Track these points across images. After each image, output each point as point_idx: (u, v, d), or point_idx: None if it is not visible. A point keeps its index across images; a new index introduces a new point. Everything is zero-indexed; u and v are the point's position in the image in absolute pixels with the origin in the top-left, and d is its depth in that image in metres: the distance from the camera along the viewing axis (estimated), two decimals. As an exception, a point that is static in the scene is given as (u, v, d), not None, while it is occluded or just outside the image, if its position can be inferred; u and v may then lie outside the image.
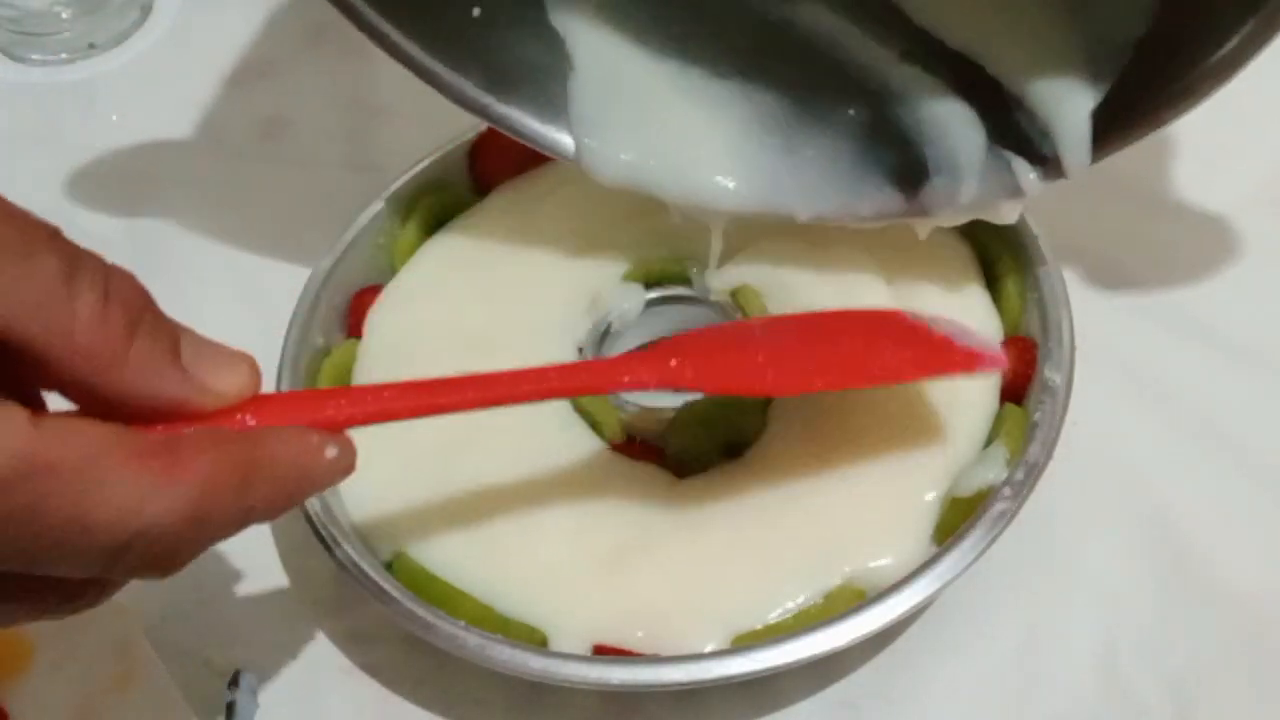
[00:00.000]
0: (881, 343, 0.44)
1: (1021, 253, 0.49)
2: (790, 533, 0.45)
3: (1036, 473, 0.44)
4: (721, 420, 0.47)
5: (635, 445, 0.48)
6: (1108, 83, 0.45)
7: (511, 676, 0.43)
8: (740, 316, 0.50)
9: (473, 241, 0.53)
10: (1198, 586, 0.46)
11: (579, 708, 0.45)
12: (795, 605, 0.43)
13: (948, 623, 0.46)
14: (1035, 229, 0.49)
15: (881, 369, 0.44)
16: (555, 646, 0.43)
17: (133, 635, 0.46)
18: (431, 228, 0.53)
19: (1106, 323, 0.51)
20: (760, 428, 0.47)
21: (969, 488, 0.44)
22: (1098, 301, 0.50)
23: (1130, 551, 0.47)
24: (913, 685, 0.45)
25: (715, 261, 0.50)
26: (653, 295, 0.51)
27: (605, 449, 0.48)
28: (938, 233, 0.50)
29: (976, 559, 0.43)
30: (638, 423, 0.48)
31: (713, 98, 0.49)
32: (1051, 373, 0.46)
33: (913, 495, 0.45)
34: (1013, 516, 0.43)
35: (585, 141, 0.49)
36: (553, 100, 0.49)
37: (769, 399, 0.48)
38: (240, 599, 0.49)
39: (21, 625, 0.33)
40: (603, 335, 0.50)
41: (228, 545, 0.49)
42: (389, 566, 0.46)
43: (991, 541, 0.43)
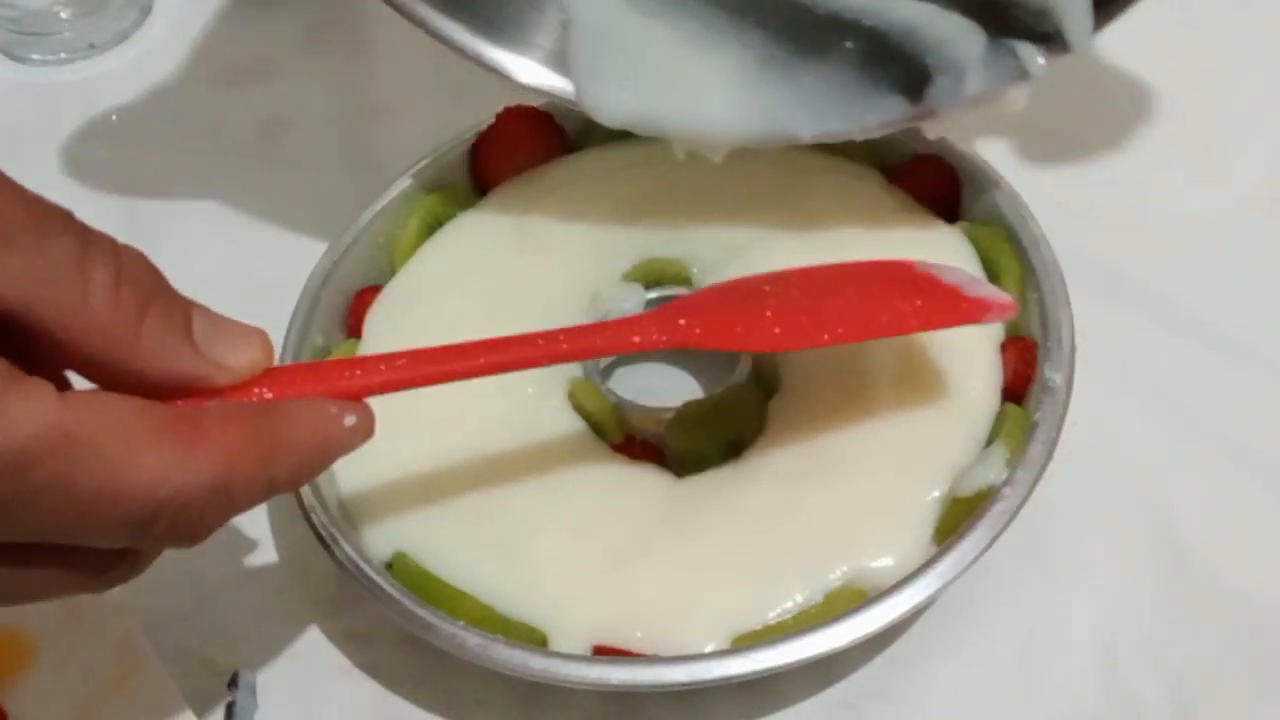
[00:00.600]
0: (890, 294, 0.44)
1: (1022, 253, 0.49)
2: (790, 533, 0.45)
3: (1036, 473, 0.44)
4: (721, 420, 0.47)
5: (635, 445, 0.48)
6: None
7: (511, 676, 0.43)
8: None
9: (473, 241, 0.53)
10: (1198, 586, 0.46)
11: (579, 708, 0.45)
12: (795, 605, 0.43)
13: (948, 623, 0.46)
14: (1036, 229, 0.49)
15: (890, 320, 0.43)
16: (555, 646, 0.43)
17: (133, 635, 0.46)
18: (431, 228, 0.53)
19: (1106, 323, 0.51)
20: (760, 428, 0.47)
21: (969, 488, 0.44)
22: (1098, 301, 0.50)
23: (1130, 551, 0.47)
24: (913, 685, 0.45)
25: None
26: (653, 295, 0.51)
27: (605, 449, 0.48)
28: (939, 233, 0.50)
29: (976, 559, 0.43)
30: (638, 423, 0.48)
31: (709, 44, 0.49)
32: (1051, 373, 0.46)
33: (913, 495, 0.45)
34: (1013, 516, 0.43)
35: (585, 83, 0.49)
36: (549, 48, 0.50)
37: (769, 399, 0.48)
38: (240, 599, 0.49)
39: (46, 603, 0.34)
40: (603, 335, 0.50)
41: (228, 545, 0.50)
42: (389, 566, 0.46)
43: (991, 541, 0.43)
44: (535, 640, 0.43)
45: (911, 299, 0.43)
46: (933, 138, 0.49)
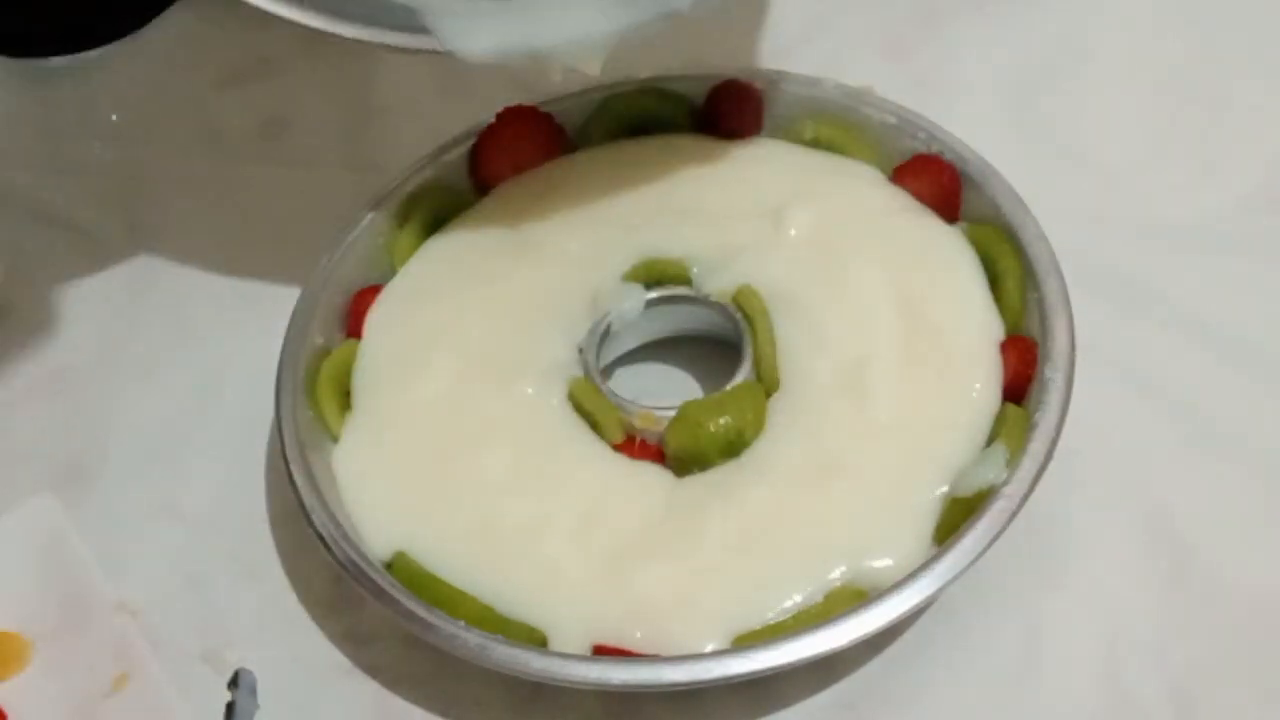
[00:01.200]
0: None
1: (1022, 253, 0.49)
2: (790, 532, 0.45)
3: (1036, 473, 0.44)
4: (721, 420, 0.47)
5: (635, 445, 0.48)
6: None
7: (511, 676, 0.43)
8: (740, 317, 0.49)
9: (472, 241, 0.52)
10: (1198, 586, 0.46)
11: (579, 708, 0.45)
12: (795, 605, 0.43)
13: (948, 623, 0.46)
14: (1036, 229, 0.49)
15: None
16: (555, 646, 0.43)
17: (132, 635, 0.46)
18: (431, 228, 0.53)
19: (1106, 322, 0.51)
20: (760, 428, 0.47)
21: (969, 488, 0.44)
22: (1098, 301, 0.50)
23: (1131, 551, 0.47)
24: (913, 685, 0.45)
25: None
26: (653, 295, 0.51)
27: (605, 449, 0.48)
28: (939, 233, 0.51)
29: (976, 559, 0.43)
30: (638, 423, 0.48)
31: None
32: (1051, 373, 0.46)
33: (913, 495, 0.45)
34: (1013, 516, 0.43)
35: (445, 29, 0.48)
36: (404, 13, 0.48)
37: (769, 399, 0.48)
38: (240, 599, 0.49)
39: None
40: (603, 335, 0.50)
41: (228, 545, 0.50)
42: (389, 566, 0.46)
43: (991, 541, 0.43)
44: (535, 640, 0.43)
45: None
46: None
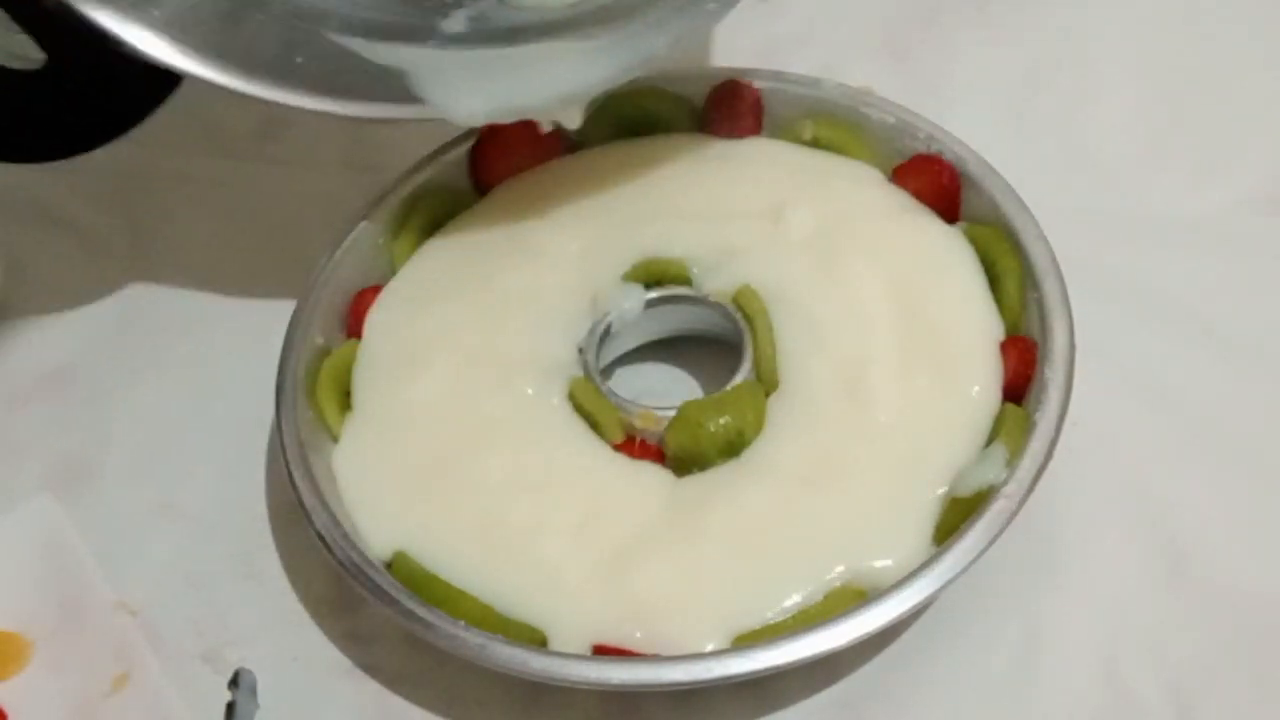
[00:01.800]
0: None
1: (1021, 253, 0.49)
2: (790, 532, 0.45)
3: (1036, 473, 0.44)
4: (721, 420, 0.47)
5: (635, 445, 0.48)
6: None
7: (511, 676, 0.43)
8: (740, 317, 0.49)
9: (473, 241, 0.52)
10: (1198, 586, 0.46)
11: (579, 708, 0.45)
12: (795, 605, 0.43)
13: (948, 623, 0.46)
14: (1036, 229, 0.49)
15: None
16: (555, 646, 0.43)
17: (132, 635, 0.46)
18: (431, 228, 0.53)
19: (1106, 322, 0.51)
20: (760, 428, 0.47)
21: (969, 488, 0.44)
22: (1098, 301, 0.50)
23: (1130, 551, 0.47)
24: (913, 685, 0.45)
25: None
26: (653, 295, 0.51)
27: (605, 449, 0.48)
28: (938, 233, 0.50)
29: (976, 559, 0.43)
30: (638, 423, 0.48)
31: (538, 44, 0.50)
32: (1051, 373, 0.46)
33: (913, 495, 0.45)
34: (1013, 516, 0.43)
35: (438, 96, 0.49)
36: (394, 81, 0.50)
37: (769, 399, 0.48)
38: (240, 599, 0.49)
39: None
40: (603, 335, 0.50)
41: (228, 545, 0.50)
42: (389, 566, 0.46)
43: (991, 541, 0.43)
44: (535, 640, 0.43)
45: None
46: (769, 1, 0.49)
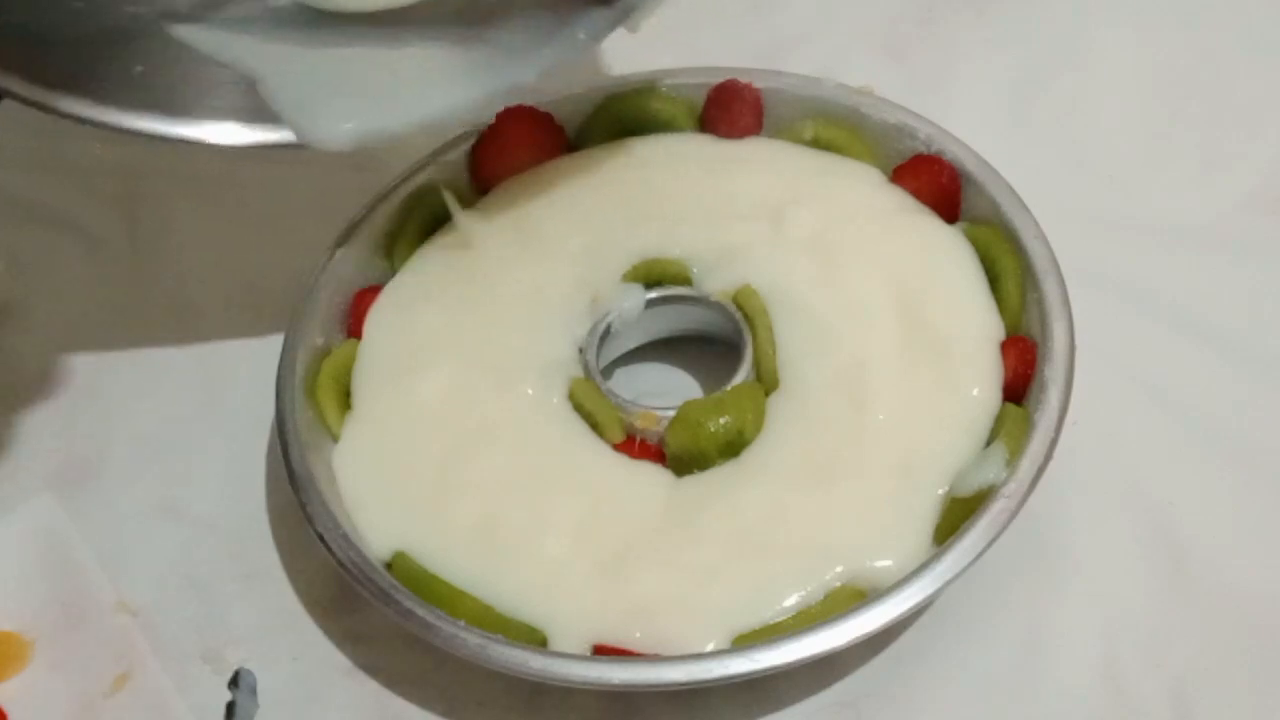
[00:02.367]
0: None
1: (1021, 253, 0.49)
2: (790, 532, 0.45)
3: (1036, 473, 0.44)
4: (721, 420, 0.47)
5: (635, 445, 0.48)
6: None
7: (511, 676, 0.43)
8: (740, 317, 0.49)
9: (473, 242, 0.52)
10: (1198, 586, 0.46)
11: (579, 708, 0.45)
12: (795, 605, 0.43)
13: (948, 623, 0.46)
14: (1036, 229, 0.49)
15: None
16: (555, 646, 0.43)
17: (132, 635, 0.46)
18: (431, 228, 0.53)
19: (1106, 323, 0.51)
20: (760, 428, 0.47)
21: (969, 488, 0.44)
22: (1098, 301, 0.50)
23: (1130, 551, 0.47)
24: (912, 685, 0.45)
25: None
26: (653, 295, 0.51)
27: (605, 449, 0.48)
28: (938, 233, 0.50)
29: (976, 559, 0.43)
30: (638, 423, 0.48)
31: (394, 48, 0.49)
32: (1051, 373, 0.46)
33: (913, 495, 0.45)
34: (1013, 516, 0.43)
35: (300, 121, 0.48)
36: (241, 106, 0.49)
37: (769, 398, 0.48)
38: (240, 599, 0.49)
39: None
40: (603, 335, 0.50)
41: (228, 545, 0.50)
42: (389, 566, 0.46)
43: (991, 541, 0.43)
44: (535, 640, 0.43)
45: None
46: (636, 32, 0.49)
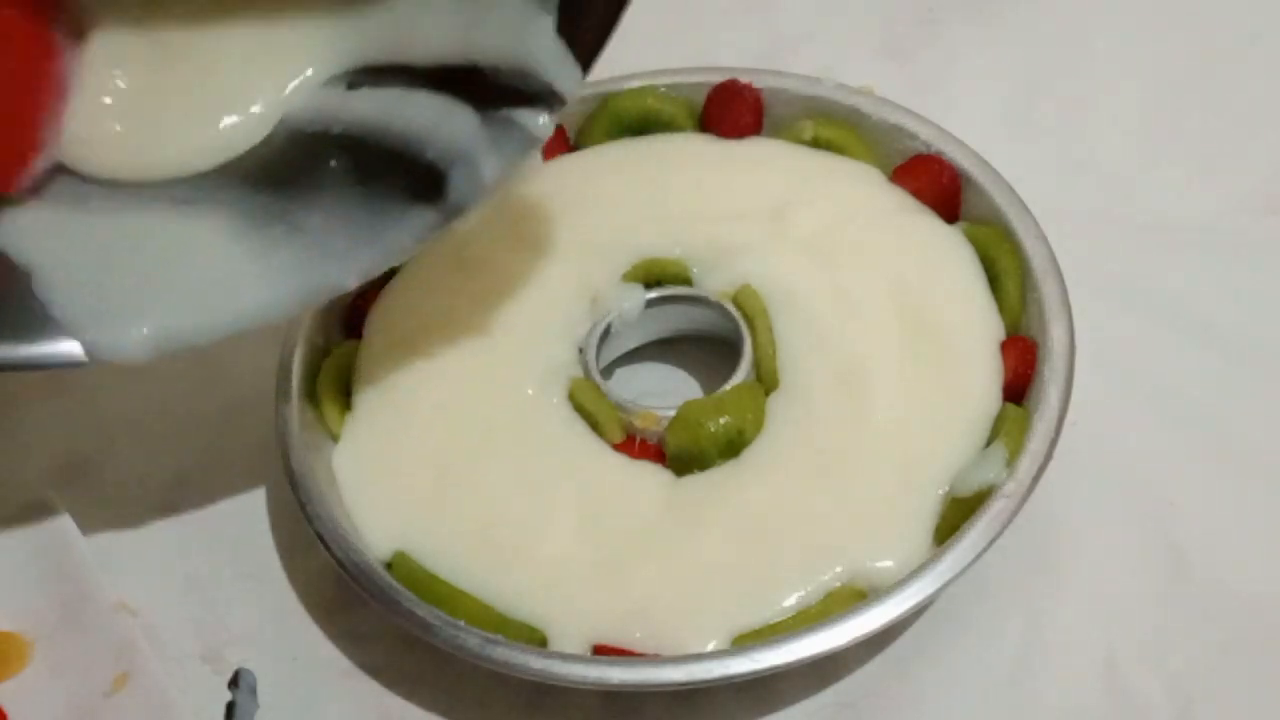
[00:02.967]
0: None
1: (1021, 253, 0.49)
2: (790, 532, 0.45)
3: (1036, 473, 0.44)
4: (721, 420, 0.47)
5: (635, 445, 0.48)
6: None
7: (511, 676, 0.43)
8: (740, 317, 0.49)
9: (473, 242, 0.52)
10: (1198, 587, 0.46)
11: (579, 708, 0.45)
12: (795, 605, 0.43)
13: (948, 623, 0.46)
14: (1036, 229, 0.49)
15: None
16: (555, 646, 0.43)
17: (132, 635, 0.46)
18: (431, 228, 0.53)
19: (1106, 322, 0.51)
20: (760, 427, 0.47)
21: (969, 488, 0.44)
22: (1098, 301, 0.50)
23: (1130, 552, 0.47)
24: (912, 685, 0.45)
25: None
26: (653, 295, 0.51)
27: (605, 449, 0.48)
28: (938, 233, 0.50)
29: (976, 559, 0.43)
30: (638, 423, 0.48)
31: (189, 225, 0.45)
32: (1051, 373, 0.46)
33: (913, 495, 0.45)
34: (1013, 516, 0.43)
35: (90, 337, 0.43)
36: (24, 316, 0.44)
37: (768, 398, 0.48)
38: (240, 599, 0.49)
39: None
40: (603, 335, 0.50)
41: (228, 545, 0.50)
42: (389, 566, 0.46)
43: (991, 541, 0.43)
44: (535, 640, 0.43)
45: None
46: (466, 227, 0.46)
